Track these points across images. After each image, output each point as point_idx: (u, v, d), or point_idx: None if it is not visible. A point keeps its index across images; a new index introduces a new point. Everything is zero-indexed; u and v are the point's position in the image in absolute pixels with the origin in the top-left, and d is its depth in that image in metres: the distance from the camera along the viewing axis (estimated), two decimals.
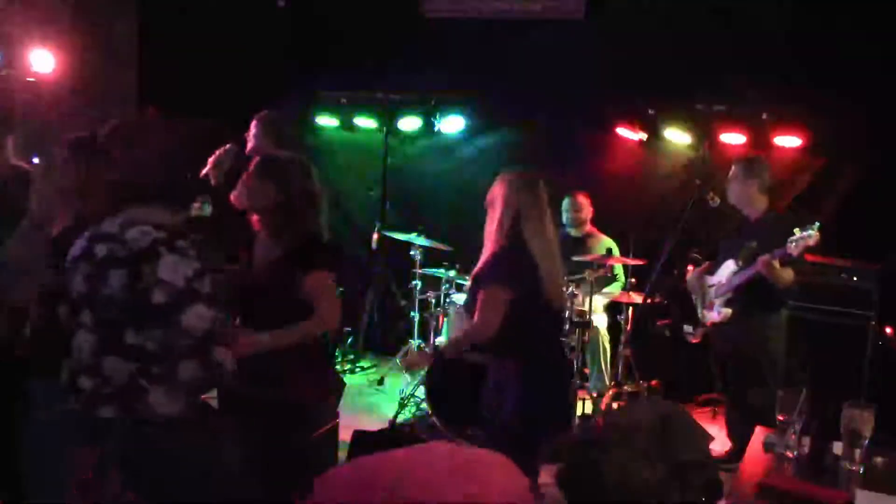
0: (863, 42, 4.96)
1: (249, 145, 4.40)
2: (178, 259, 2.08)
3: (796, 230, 3.84)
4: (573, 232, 5.53)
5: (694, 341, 4.56)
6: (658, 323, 5.56)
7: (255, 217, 3.02)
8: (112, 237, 2.08)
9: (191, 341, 2.10)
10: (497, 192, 3.13)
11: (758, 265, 3.99)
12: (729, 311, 4.26)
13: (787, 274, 4.01)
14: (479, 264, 3.14)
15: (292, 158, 3.03)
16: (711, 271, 4.45)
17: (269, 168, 2.96)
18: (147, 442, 2.07)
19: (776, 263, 3.95)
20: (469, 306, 3.22)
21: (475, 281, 3.13)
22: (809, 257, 4.14)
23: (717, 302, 4.32)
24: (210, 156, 3.73)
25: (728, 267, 4.30)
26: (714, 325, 4.38)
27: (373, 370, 6.15)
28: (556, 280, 3.13)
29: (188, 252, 2.11)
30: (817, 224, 3.83)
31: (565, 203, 5.52)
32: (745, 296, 4.19)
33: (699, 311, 4.51)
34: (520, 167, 3.22)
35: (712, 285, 4.40)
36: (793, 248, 3.84)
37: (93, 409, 2.05)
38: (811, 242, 3.82)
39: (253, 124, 4.46)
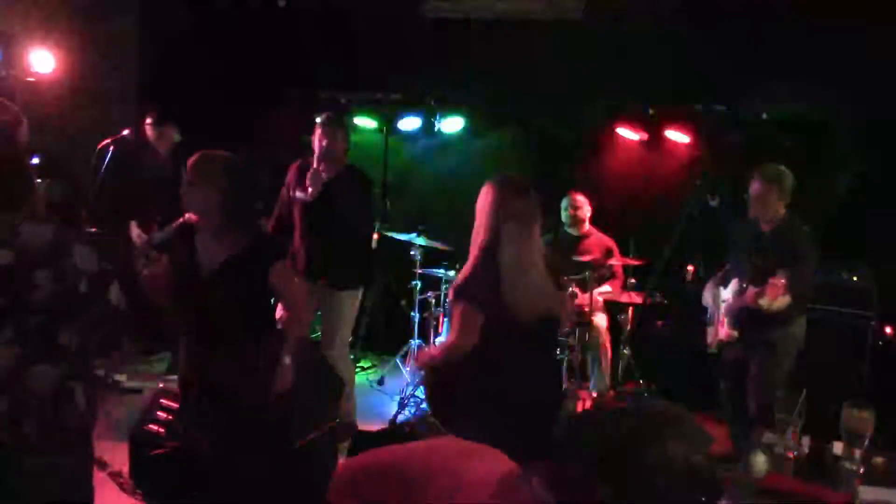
0: (863, 41, 4.96)
1: (323, 144, 4.23)
2: (84, 247, 2.05)
3: (777, 274, 3.70)
4: (572, 231, 5.52)
5: (712, 352, 4.46)
6: (658, 323, 5.56)
7: (195, 218, 2.95)
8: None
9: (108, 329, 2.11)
10: (480, 200, 3.01)
11: (746, 299, 3.92)
12: (735, 333, 4.15)
13: (780, 302, 3.83)
14: (458, 276, 3.02)
15: (230, 156, 2.98)
16: (724, 283, 4.34)
17: (207, 168, 2.88)
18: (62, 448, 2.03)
19: (763, 301, 3.81)
20: (449, 318, 3.16)
21: (453, 290, 3.00)
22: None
23: (726, 321, 4.23)
24: None
25: (734, 284, 4.19)
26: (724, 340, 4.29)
27: (373, 370, 6.15)
28: (528, 294, 2.93)
29: (84, 240, 2.08)
30: (784, 271, 3.69)
31: (564, 202, 5.52)
32: (748, 317, 4.07)
33: (712, 324, 4.40)
34: (507, 173, 3.09)
35: (724, 300, 4.29)
36: (768, 293, 3.71)
37: (7, 431, 1.94)
38: (781, 291, 3.67)
39: (323, 125, 4.29)
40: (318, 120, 4.29)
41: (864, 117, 4.98)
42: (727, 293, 4.27)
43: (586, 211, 5.54)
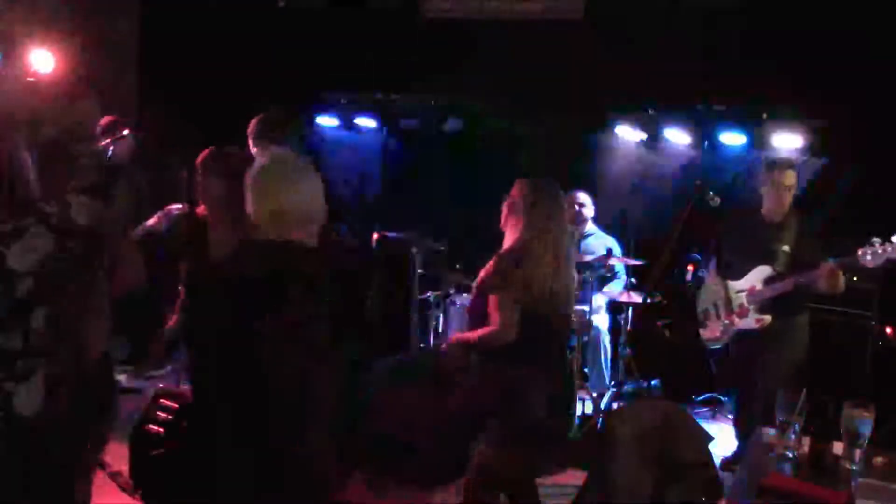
0: (862, 41, 4.96)
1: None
2: (24, 245, 2.00)
3: (875, 239, 3.70)
4: (574, 230, 5.53)
5: (715, 347, 4.44)
6: (658, 323, 5.56)
7: (207, 213, 3.05)
8: None
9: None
10: (520, 200, 3.15)
11: (821, 272, 3.86)
12: (768, 317, 4.14)
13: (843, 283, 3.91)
14: (488, 267, 3.13)
15: (236, 151, 3.06)
16: (733, 275, 4.35)
17: (212, 163, 2.98)
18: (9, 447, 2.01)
19: (840, 274, 3.85)
20: (475, 306, 3.19)
21: (483, 283, 3.12)
22: None
23: (752, 309, 4.21)
24: None
25: (762, 272, 4.19)
26: (743, 331, 4.27)
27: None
28: (558, 292, 3.12)
29: (34, 231, 2.02)
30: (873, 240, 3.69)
31: (568, 201, 5.53)
32: (785, 301, 4.08)
33: (719, 317, 4.38)
34: (542, 177, 3.25)
35: (741, 291, 4.28)
36: (868, 259, 3.69)
37: None
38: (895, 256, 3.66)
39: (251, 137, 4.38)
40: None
41: (863, 116, 4.98)
42: (748, 283, 4.25)
43: (590, 210, 5.55)
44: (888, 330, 4.79)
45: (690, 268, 5.01)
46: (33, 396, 2.03)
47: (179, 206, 4.43)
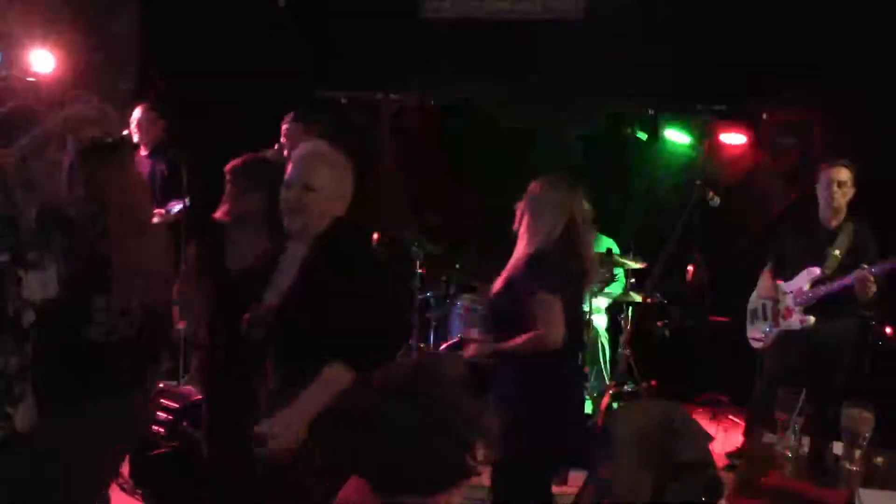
0: (862, 41, 4.96)
1: (286, 150, 4.34)
2: (38, 275, 2.03)
3: None
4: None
5: (761, 347, 4.42)
6: (658, 323, 5.56)
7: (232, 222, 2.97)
8: None
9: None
10: (544, 196, 3.10)
11: (855, 278, 3.90)
12: (812, 318, 4.16)
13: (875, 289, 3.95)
14: (520, 268, 3.06)
15: (275, 159, 3.02)
16: (784, 277, 4.34)
17: (249, 171, 2.92)
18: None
19: (872, 282, 3.89)
20: (500, 309, 3.15)
21: (514, 285, 3.05)
22: None
23: (797, 310, 4.22)
24: None
25: (811, 273, 4.19)
26: (786, 331, 4.28)
27: None
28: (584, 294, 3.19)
29: (43, 262, 2.05)
30: None
31: None
32: (828, 304, 4.11)
33: (766, 318, 4.39)
34: (561, 173, 3.23)
35: (788, 292, 4.28)
36: None
37: None
38: None
39: (284, 127, 4.43)
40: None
41: (863, 118, 4.98)
42: (795, 285, 4.25)
43: (590, 212, 5.54)
44: (888, 330, 4.79)
45: (690, 268, 5.01)
46: (28, 413, 2.08)
47: (179, 203, 4.39)
